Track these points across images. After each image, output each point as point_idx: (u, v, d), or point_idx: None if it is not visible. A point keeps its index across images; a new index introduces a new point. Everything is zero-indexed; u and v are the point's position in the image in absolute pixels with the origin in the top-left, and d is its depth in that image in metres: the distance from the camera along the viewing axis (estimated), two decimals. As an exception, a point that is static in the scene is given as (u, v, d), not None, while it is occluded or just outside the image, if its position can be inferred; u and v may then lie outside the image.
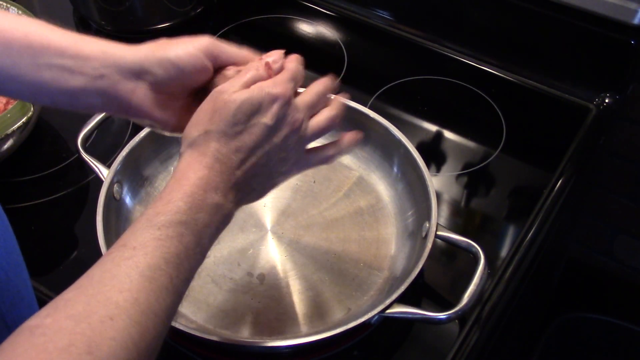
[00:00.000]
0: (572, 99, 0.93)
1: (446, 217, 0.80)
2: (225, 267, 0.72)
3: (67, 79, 0.50)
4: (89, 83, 0.50)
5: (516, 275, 0.73)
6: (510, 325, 0.79)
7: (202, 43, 0.52)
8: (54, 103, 0.52)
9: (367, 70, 1.00)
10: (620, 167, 1.12)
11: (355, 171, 0.81)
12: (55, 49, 0.50)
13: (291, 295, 0.70)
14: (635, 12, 0.84)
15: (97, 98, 0.51)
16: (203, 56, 0.52)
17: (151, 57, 0.51)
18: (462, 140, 0.90)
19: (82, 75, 0.50)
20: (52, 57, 0.49)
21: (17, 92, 0.52)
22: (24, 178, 0.83)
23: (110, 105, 0.52)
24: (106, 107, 0.53)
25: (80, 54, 0.50)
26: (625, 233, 1.21)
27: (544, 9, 0.91)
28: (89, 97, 0.51)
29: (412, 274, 0.64)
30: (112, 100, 0.52)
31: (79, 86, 0.50)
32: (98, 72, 0.50)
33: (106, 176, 0.72)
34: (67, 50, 0.50)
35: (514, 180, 0.86)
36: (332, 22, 1.05)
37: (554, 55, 0.95)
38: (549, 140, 0.90)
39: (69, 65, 0.49)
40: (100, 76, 0.50)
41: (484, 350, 0.69)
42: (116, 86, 0.51)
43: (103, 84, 0.51)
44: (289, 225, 0.76)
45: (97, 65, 0.50)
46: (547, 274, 1.16)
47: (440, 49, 1.01)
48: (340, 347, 0.67)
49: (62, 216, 0.80)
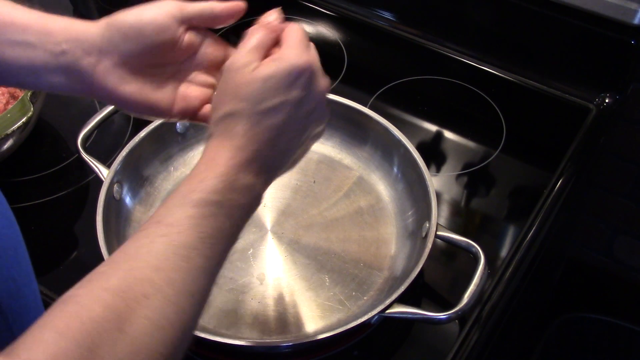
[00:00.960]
0: (572, 99, 0.93)
1: (446, 217, 0.80)
2: (225, 267, 0.71)
3: (30, 55, 0.48)
4: (51, 59, 0.48)
5: (516, 275, 0.73)
6: (510, 325, 0.79)
7: (164, 5, 0.50)
8: (18, 83, 0.51)
9: (367, 70, 1.00)
10: (620, 167, 1.12)
11: (355, 171, 0.81)
12: (18, 26, 0.48)
13: (291, 295, 0.70)
14: (635, 12, 0.84)
15: (60, 76, 0.49)
16: (167, 18, 0.49)
17: (112, 26, 0.49)
18: (462, 140, 0.90)
19: (44, 52, 0.48)
20: (15, 33, 0.48)
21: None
22: (24, 178, 0.83)
23: (74, 83, 0.50)
24: (70, 86, 0.50)
25: (43, 30, 0.48)
26: (625, 233, 1.21)
27: (544, 9, 0.91)
28: (52, 74, 0.49)
29: (412, 274, 0.64)
30: (76, 77, 0.49)
31: (41, 63, 0.48)
32: (60, 48, 0.48)
33: (106, 176, 0.72)
34: (30, 26, 0.48)
35: (514, 180, 0.86)
36: (332, 22, 1.05)
37: (554, 55, 0.95)
38: (549, 140, 0.90)
39: (32, 41, 0.48)
40: (62, 52, 0.48)
41: (484, 350, 0.68)
42: (78, 62, 0.49)
43: (65, 60, 0.49)
44: (289, 225, 0.75)
45: (60, 40, 0.48)
46: (547, 274, 1.16)
47: (440, 49, 1.01)
48: (340, 347, 0.67)
49: (62, 216, 0.80)
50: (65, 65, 0.49)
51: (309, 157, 0.81)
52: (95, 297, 0.38)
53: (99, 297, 0.38)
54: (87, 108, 0.91)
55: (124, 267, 0.40)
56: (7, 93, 0.84)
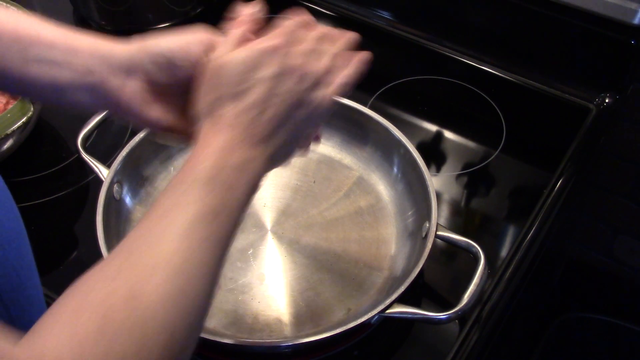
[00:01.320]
0: (572, 99, 0.93)
1: (446, 217, 0.80)
2: (225, 267, 0.71)
3: (55, 73, 0.49)
4: (77, 78, 0.49)
5: (516, 275, 0.73)
6: (510, 325, 0.79)
7: (196, 35, 0.51)
8: (42, 98, 0.52)
9: (367, 70, 1.00)
10: (620, 167, 1.12)
11: (355, 171, 0.81)
12: (44, 43, 0.49)
13: (291, 295, 0.70)
14: (635, 12, 0.84)
15: (85, 94, 0.50)
16: (197, 48, 0.50)
17: (142, 51, 0.50)
18: (462, 140, 0.90)
19: (70, 70, 0.49)
20: (41, 50, 0.48)
21: (4, 86, 0.51)
22: (24, 178, 0.83)
23: (99, 102, 0.51)
24: (95, 104, 0.51)
25: (69, 48, 0.49)
26: (625, 233, 1.21)
27: (544, 9, 0.91)
28: (77, 92, 0.50)
29: (412, 274, 0.64)
30: (101, 97, 0.50)
31: (66, 81, 0.49)
32: (87, 68, 0.49)
33: (106, 176, 0.72)
34: (56, 44, 0.49)
35: (514, 180, 0.86)
36: (332, 22, 1.05)
37: (554, 55, 0.95)
38: (549, 140, 0.90)
39: (58, 59, 0.48)
40: (88, 71, 0.49)
41: (484, 350, 0.68)
42: (105, 83, 0.50)
43: (92, 80, 0.49)
44: (289, 225, 0.75)
45: (86, 60, 0.49)
46: (547, 274, 1.16)
47: (440, 49, 1.01)
48: (340, 347, 0.67)
49: (62, 216, 0.80)
50: (91, 85, 0.49)
51: (309, 157, 0.81)
52: (103, 276, 0.39)
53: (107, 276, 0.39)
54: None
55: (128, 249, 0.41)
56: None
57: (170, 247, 0.40)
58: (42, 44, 0.48)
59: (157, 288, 0.38)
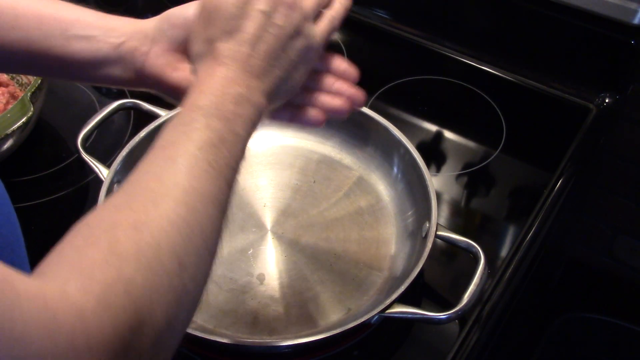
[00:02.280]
0: (572, 99, 0.93)
1: (446, 217, 0.80)
2: (225, 267, 0.72)
3: (94, 47, 0.53)
4: (112, 51, 0.53)
5: (516, 275, 0.73)
6: (510, 325, 0.79)
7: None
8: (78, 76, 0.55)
9: (367, 70, 1.00)
10: (620, 167, 1.12)
11: (355, 171, 0.81)
12: (84, 23, 0.53)
13: (291, 295, 0.70)
14: (635, 12, 0.84)
15: (117, 67, 0.54)
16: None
17: (164, 19, 0.54)
18: (462, 140, 0.90)
19: (106, 44, 0.53)
20: (82, 28, 0.53)
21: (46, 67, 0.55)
22: (24, 178, 0.83)
23: (128, 73, 0.54)
24: (124, 77, 0.55)
25: (106, 26, 0.54)
26: (625, 233, 1.21)
27: (544, 9, 0.91)
28: (111, 66, 0.54)
29: (412, 274, 0.64)
30: (130, 67, 0.54)
31: (103, 54, 0.53)
32: (120, 40, 0.53)
33: (106, 176, 0.72)
34: (94, 23, 0.53)
35: (514, 180, 0.86)
36: (332, 22, 1.05)
37: (554, 55, 0.95)
38: (549, 140, 0.90)
39: (96, 35, 0.53)
40: (121, 44, 0.53)
41: (484, 350, 0.68)
42: (133, 51, 0.54)
43: (123, 50, 0.53)
44: (289, 225, 0.75)
45: (120, 34, 0.54)
46: (547, 274, 1.16)
47: (440, 49, 1.01)
48: (340, 347, 0.67)
49: (62, 216, 0.80)
50: (123, 56, 0.53)
51: (309, 157, 0.82)
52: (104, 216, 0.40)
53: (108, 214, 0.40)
54: (87, 108, 0.91)
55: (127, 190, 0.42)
56: (7, 93, 0.84)
57: (173, 177, 0.42)
58: (81, 23, 0.53)
59: (160, 216, 0.39)
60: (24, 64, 0.55)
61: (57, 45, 0.53)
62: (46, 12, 0.53)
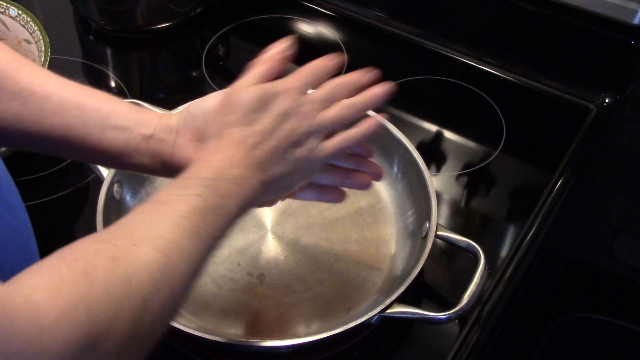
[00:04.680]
0: (572, 99, 0.93)
1: (446, 217, 0.80)
2: (225, 267, 0.72)
3: (127, 138, 0.57)
4: (142, 142, 0.57)
5: (516, 275, 0.73)
6: (510, 325, 0.79)
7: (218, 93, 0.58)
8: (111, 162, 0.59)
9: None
10: (620, 167, 1.12)
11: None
12: (121, 114, 0.57)
13: (291, 295, 0.70)
14: (635, 12, 0.84)
15: (147, 157, 0.58)
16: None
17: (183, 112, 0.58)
18: (462, 140, 0.90)
19: (138, 135, 0.57)
20: (118, 119, 0.57)
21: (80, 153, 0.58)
22: (24, 178, 0.83)
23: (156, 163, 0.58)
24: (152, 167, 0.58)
25: (139, 118, 0.58)
26: (625, 233, 1.21)
27: (544, 9, 0.91)
28: (141, 156, 0.57)
29: (412, 274, 0.64)
30: (158, 157, 0.57)
31: (134, 145, 0.57)
32: (150, 132, 0.57)
33: (106, 176, 0.72)
34: (130, 115, 0.57)
35: (514, 180, 0.86)
36: (332, 22, 1.05)
37: (554, 55, 0.95)
38: (549, 140, 0.90)
39: (129, 126, 0.57)
40: (151, 136, 0.57)
41: (484, 350, 0.69)
42: (161, 143, 0.57)
43: (152, 142, 0.57)
44: (289, 225, 0.76)
45: (151, 126, 0.57)
46: (547, 274, 1.16)
47: (440, 49, 1.01)
48: (340, 347, 0.67)
49: (62, 216, 0.80)
50: (152, 147, 0.57)
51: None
52: (87, 245, 0.42)
53: (91, 245, 0.42)
54: (87, 108, 0.91)
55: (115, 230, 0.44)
56: (7, 93, 0.84)
57: (159, 230, 0.44)
58: (118, 114, 0.57)
59: (138, 258, 0.41)
60: (60, 148, 0.57)
61: (94, 133, 0.56)
62: (88, 101, 0.56)
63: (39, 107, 0.55)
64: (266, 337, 0.66)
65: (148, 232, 0.44)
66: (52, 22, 1.05)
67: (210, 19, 1.07)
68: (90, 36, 1.06)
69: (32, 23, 0.86)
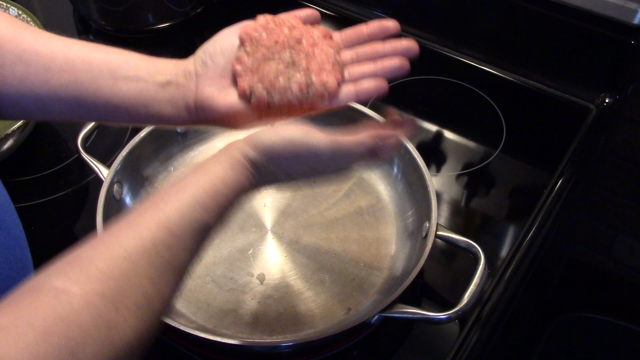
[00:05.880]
0: (572, 99, 0.93)
1: (446, 217, 0.80)
2: (225, 267, 0.72)
3: (141, 87, 0.54)
4: (159, 90, 0.54)
5: (516, 275, 0.73)
6: (510, 325, 0.79)
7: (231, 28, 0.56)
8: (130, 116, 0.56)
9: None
10: (620, 167, 1.12)
11: (355, 171, 0.81)
12: (131, 65, 0.54)
13: (291, 295, 0.70)
14: (635, 12, 0.84)
15: (167, 105, 0.55)
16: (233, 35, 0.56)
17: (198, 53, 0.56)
18: (462, 140, 0.90)
19: (153, 84, 0.54)
20: (129, 70, 0.54)
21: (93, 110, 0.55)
22: (24, 178, 0.83)
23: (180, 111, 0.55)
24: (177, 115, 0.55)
25: (152, 67, 0.55)
26: (625, 233, 1.21)
27: (544, 9, 0.91)
28: (160, 104, 0.55)
29: (412, 274, 0.64)
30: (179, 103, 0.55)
31: (151, 94, 0.54)
32: (165, 79, 0.54)
33: (106, 176, 0.72)
34: (141, 65, 0.55)
35: (514, 180, 0.86)
36: (332, 22, 1.05)
37: (554, 55, 0.95)
38: (549, 140, 0.90)
39: (142, 75, 0.54)
40: (167, 82, 0.54)
41: (484, 350, 0.69)
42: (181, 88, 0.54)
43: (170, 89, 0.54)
44: (289, 225, 0.76)
45: (165, 74, 0.55)
46: (547, 274, 1.16)
47: (440, 49, 1.01)
48: (340, 347, 0.67)
49: (62, 216, 0.80)
50: (170, 94, 0.54)
51: (309, 157, 0.81)
52: (88, 302, 0.38)
53: (92, 304, 0.39)
54: (87, 108, 0.91)
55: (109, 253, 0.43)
56: (7, 93, 0.84)
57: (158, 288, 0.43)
58: (128, 65, 0.54)
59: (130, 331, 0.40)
60: (72, 108, 0.55)
61: (105, 87, 0.54)
62: (96, 55, 0.54)
63: (44, 67, 0.52)
64: (266, 337, 0.66)
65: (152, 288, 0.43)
66: (52, 22, 1.05)
67: (210, 19, 1.07)
68: (90, 36, 1.06)
69: (32, 23, 0.86)
